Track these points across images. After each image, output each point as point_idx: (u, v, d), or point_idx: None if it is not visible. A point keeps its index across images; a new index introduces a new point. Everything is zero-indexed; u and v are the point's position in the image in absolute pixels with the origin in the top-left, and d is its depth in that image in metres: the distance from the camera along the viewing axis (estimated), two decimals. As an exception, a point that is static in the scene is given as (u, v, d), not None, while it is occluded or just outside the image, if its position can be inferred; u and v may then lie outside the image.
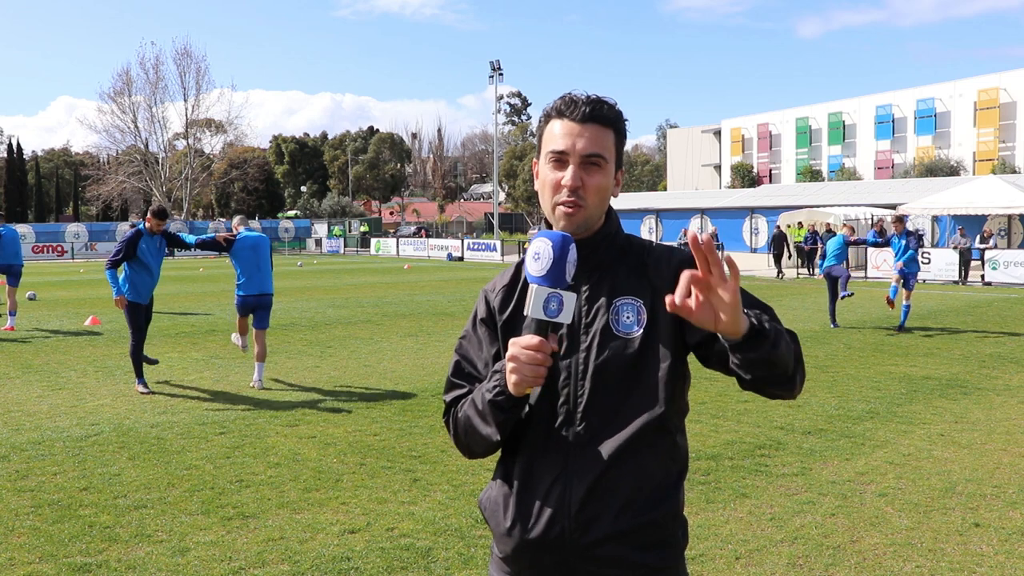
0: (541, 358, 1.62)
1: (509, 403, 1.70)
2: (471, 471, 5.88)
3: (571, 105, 1.79)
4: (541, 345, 1.62)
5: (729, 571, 4.27)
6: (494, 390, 1.71)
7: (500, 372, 1.71)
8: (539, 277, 1.63)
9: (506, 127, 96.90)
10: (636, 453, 1.75)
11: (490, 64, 59.52)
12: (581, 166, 1.77)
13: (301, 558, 4.41)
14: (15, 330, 13.63)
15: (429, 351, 11.61)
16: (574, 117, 1.78)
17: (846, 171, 55.85)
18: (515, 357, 1.63)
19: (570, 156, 1.77)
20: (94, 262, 41.61)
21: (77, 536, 4.72)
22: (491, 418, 1.74)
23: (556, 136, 1.79)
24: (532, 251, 1.66)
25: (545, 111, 1.85)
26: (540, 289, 1.62)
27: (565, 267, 1.63)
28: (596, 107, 1.78)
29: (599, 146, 1.78)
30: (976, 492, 5.44)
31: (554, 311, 1.62)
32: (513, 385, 1.65)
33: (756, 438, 6.76)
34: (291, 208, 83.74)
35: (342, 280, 26.82)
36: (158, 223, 8.93)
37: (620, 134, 1.83)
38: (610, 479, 1.74)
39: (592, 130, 1.77)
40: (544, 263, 1.63)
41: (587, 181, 1.77)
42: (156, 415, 7.75)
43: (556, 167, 1.79)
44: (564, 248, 1.63)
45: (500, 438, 1.77)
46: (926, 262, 24.02)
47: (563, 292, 1.62)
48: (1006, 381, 9.23)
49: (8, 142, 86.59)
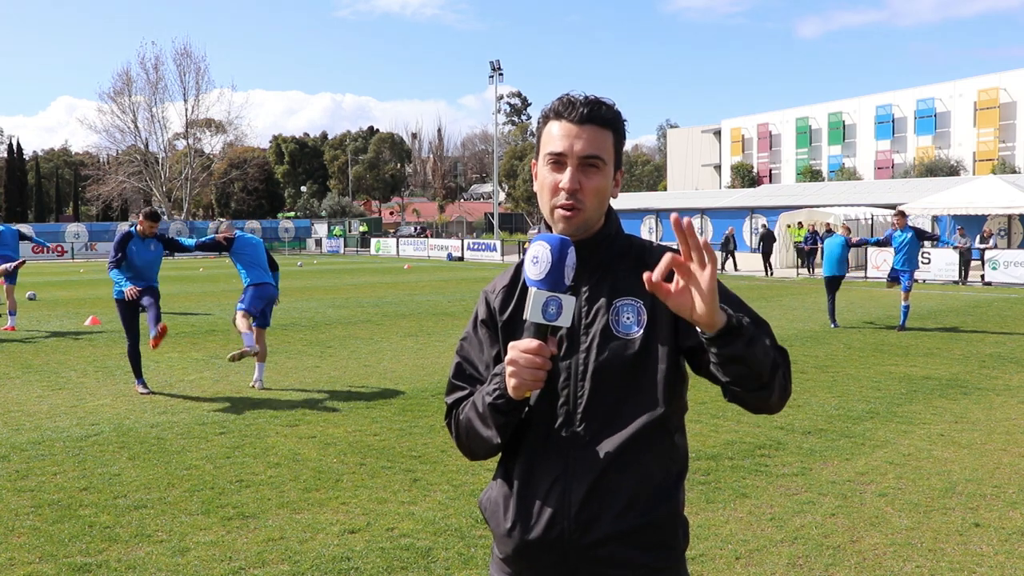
0: (540, 361, 1.62)
1: (509, 406, 1.70)
2: (471, 471, 5.88)
3: (569, 106, 1.78)
4: (540, 349, 1.61)
5: (729, 571, 4.27)
6: (494, 393, 1.71)
7: (500, 375, 1.71)
8: (538, 281, 1.62)
9: (506, 127, 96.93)
10: (636, 453, 1.75)
11: (490, 64, 59.56)
12: (579, 168, 1.76)
13: (301, 558, 4.41)
14: (16, 330, 13.63)
15: (429, 351, 11.61)
16: (572, 118, 1.77)
17: (846, 171, 55.86)
18: (514, 361, 1.63)
19: (568, 158, 1.76)
20: (94, 262, 41.62)
21: (77, 536, 4.72)
22: (491, 421, 1.74)
23: (554, 138, 1.78)
24: (531, 255, 1.65)
25: (543, 112, 1.85)
26: (539, 293, 1.61)
27: (564, 271, 1.62)
28: (594, 108, 1.77)
29: (597, 148, 1.77)
30: (976, 492, 5.44)
31: (553, 315, 1.61)
32: (513, 388, 1.65)
33: (756, 438, 6.76)
34: (291, 208, 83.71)
35: (342, 280, 26.82)
36: (150, 225, 8.81)
37: (619, 135, 1.82)
38: (610, 479, 1.74)
39: (590, 131, 1.76)
40: (543, 267, 1.62)
41: (585, 183, 1.76)
42: (156, 415, 7.75)
43: (554, 169, 1.78)
44: (563, 251, 1.63)
45: (501, 441, 1.77)
46: (926, 262, 24.02)
47: (562, 295, 1.62)
48: (1006, 381, 9.23)
49: (8, 142, 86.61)
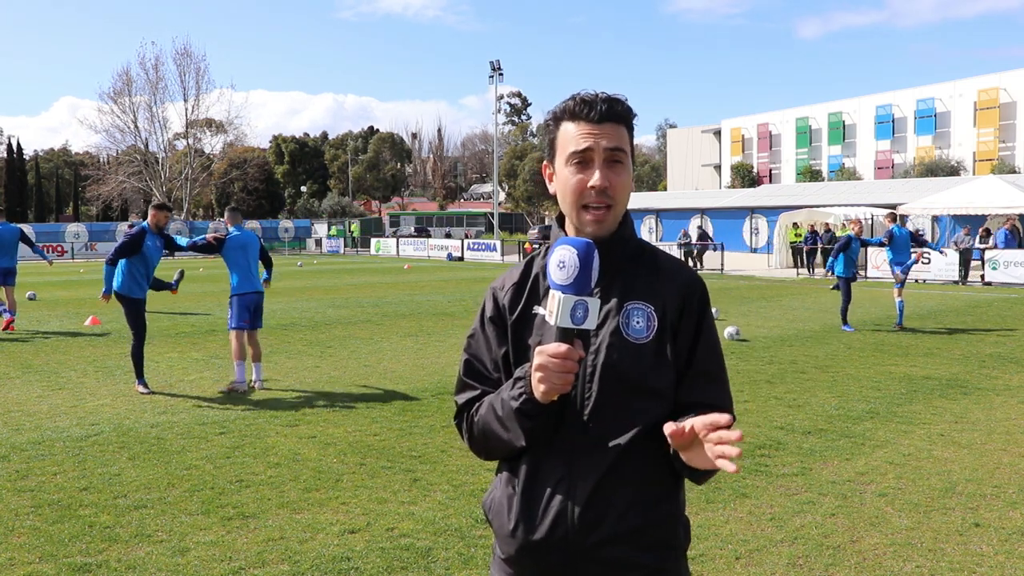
0: (570, 365, 1.61)
1: (536, 410, 1.69)
2: (471, 471, 5.88)
3: (586, 106, 1.78)
4: (569, 352, 1.60)
5: (729, 571, 4.27)
6: (520, 398, 1.70)
7: (524, 379, 1.69)
8: (565, 285, 1.61)
9: (506, 127, 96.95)
10: (639, 455, 1.75)
11: (490, 64, 59.55)
12: (606, 165, 1.76)
13: (301, 558, 4.41)
14: (15, 330, 13.61)
15: (429, 351, 11.61)
16: (591, 118, 1.77)
17: (846, 171, 55.85)
18: (543, 366, 1.61)
19: (595, 155, 1.76)
20: (94, 262, 41.58)
21: (77, 536, 4.72)
22: (515, 425, 1.73)
23: (575, 137, 1.77)
24: (556, 259, 1.63)
25: (555, 114, 1.84)
26: (567, 298, 1.60)
27: (591, 274, 1.62)
28: (612, 105, 1.78)
29: (620, 142, 1.78)
30: (976, 492, 5.44)
31: (580, 318, 1.61)
32: (542, 394, 1.64)
33: (756, 438, 6.75)
34: (290, 208, 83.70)
35: (342, 280, 26.82)
36: (165, 216, 9.10)
37: (631, 130, 1.84)
38: (614, 481, 1.74)
39: (610, 128, 1.77)
40: (570, 271, 1.61)
41: (614, 180, 1.77)
42: (156, 415, 7.75)
43: (579, 169, 1.77)
44: (589, 255, 1.62)
45: (525, 443, 1.76)
46: (926, 262, 24.02)
47: (588, 299, 1.62)
48: (1006, 381, 9.23)
49: (8, 142, 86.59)
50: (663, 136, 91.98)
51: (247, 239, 9.20)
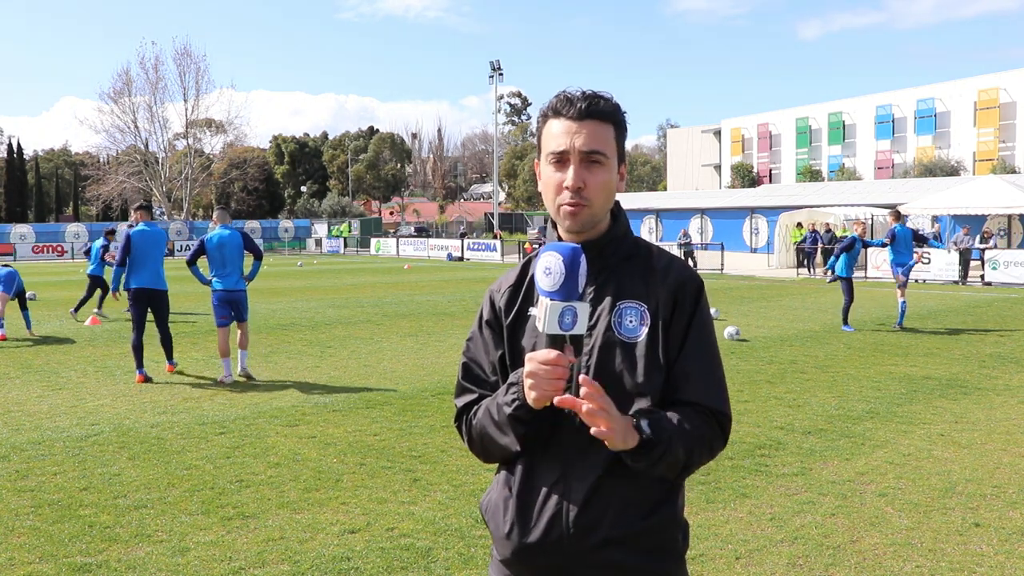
0: (560, 372, 1.60)
1: (530, 416, 1.69)
2: (471, 471, 5.88)
3: (567, 103, 1.76)
4: (558, 359, 1.59)
5: (729, 571, 4.27)
6: (513, 404, 1.69)
7: (516, 384, 1.69)
8: (552, 292, 1.60)
9: (506, 127, 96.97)
10: None
11: (490, 64, 59.58)
12: (582, 165, 1.74)
13: (301, 558, 4.41)
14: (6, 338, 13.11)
15: (429, 351, 11.61)
16: (571, 115, 1.75)
17: (846, 171, 55.87)
18: (534, 373, 1.60)
19: (570, 155, 1.74)
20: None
21: (77, 536, 4.72)
22: (510, 430, 1.73)
23: (555, 136, 1.76)
24: (542, 265, 1.62)
25: (542, 111, 1.83)
26: (554, 304, 1.59)
27: (577, 280, 1.60)
28: (592, 103, 1.75)
29: (599, 143, 1.75)
30: (976, 492, 5.44)
31: (569, 324, 1.60)
32: (534, 400, 1.63)
33: (756, 438, 6.75)
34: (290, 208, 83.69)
35: (342, 280, 26.82)
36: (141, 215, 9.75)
37: (620, 127, 1.80)
38: (609, 483, 1.73)
39: (591, 127, 1.74)
40: (556, 278, 1.60)
41: (589, 180, 1.74)
42: (156, 415, 7.75)
43: (557, 168, 1.77)
44: (575, 261, 1.60)
45: (520, 448, 1.76)
46: (926, 262, 24.01)
47: (576, 304, 1.60)
48: (1006, 381, 9.23)
49: (8, 142, 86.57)
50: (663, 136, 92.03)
51: (224, 238, 9.46)
